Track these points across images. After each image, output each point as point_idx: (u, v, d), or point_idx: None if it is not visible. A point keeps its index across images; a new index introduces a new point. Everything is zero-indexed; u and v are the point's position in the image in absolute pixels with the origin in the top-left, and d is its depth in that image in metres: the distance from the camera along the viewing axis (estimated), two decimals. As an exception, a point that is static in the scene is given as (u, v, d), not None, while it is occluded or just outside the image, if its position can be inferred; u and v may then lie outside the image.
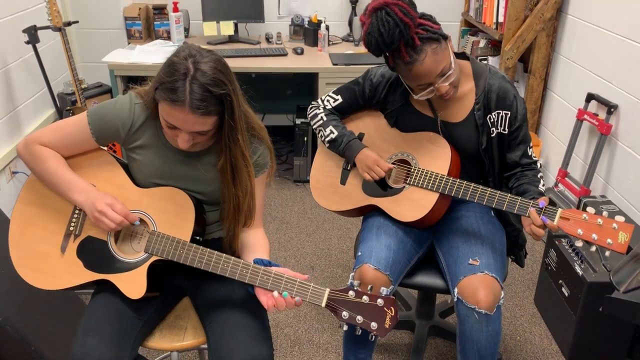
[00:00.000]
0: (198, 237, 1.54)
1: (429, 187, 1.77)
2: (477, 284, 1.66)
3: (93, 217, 1.47)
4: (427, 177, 1.78)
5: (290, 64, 3.44)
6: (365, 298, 1.38)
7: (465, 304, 1.66)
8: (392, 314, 1.38)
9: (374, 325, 1.36)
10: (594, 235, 1.51)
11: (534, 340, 2.38)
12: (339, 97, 1.98)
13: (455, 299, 1.70)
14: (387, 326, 1.37)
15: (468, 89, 1.80)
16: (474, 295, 1.65)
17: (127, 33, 3.72)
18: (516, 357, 2.29)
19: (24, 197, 1.59)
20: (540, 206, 1.59)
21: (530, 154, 1.81)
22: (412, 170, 1.83)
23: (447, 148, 1.80)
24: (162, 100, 1.36)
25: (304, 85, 4.00)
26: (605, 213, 1.53)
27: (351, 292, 1.38)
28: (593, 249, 1.53)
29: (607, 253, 1.50)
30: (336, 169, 2.00)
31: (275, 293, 1.41)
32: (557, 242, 2.35)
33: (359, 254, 1.80)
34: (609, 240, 1.49)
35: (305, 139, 3.56)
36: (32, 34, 2.82)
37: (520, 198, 1.64)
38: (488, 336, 1.66)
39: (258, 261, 1.46)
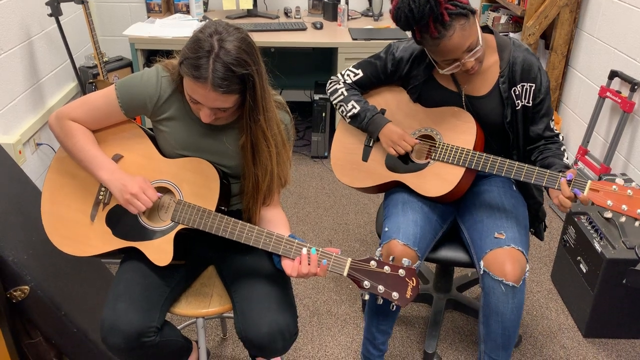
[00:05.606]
0: (223, 207, 1.56)
1: (455, 162, 1.77)
2: (504, 257, 1.67)
3: (123, 200, 1.49)
4: (453, 152, 1.78)
5: (309, 38, 3.43)
6: (386, 268, 1.40)
7: (492, 277, 1.68)
8: (414, 285, 1.40)
9: (395, 295, 1.38)
10: (624, 206, 1.52)
11: (550, 316, 2.40)
12: (359, 71, 1.96)
13: (482, 272, 1.72)
14: (408, 296, 1.39)
15: (492, 62, 1.79)
16: (501, 268, 1.66)
17: (146, 7, 3.73)
18: (532, 331, 2.31)
19: (55, 167, 1.62)
20: (569, 178, 1.59)
21: (552, 126, 1.81)
22: (436, 145, 1.83)
23: (472, 122, 1.79)
24: (186, 75, 1.37)
25: (322, 61, 3.99)
26: (634, 184, 1.52)
27: (373, 262, 1.41)
28: (623, 219, 1.54)
29: (637, 224, 1.51)
30: (357, 145, 2.00)
31: (304, 250, 1.43)
32: (576, 219, 2.35)
33: (386, 229, 1.80)
34: (639, 211, 1.50)
35: (324, 114, 3.56)
36: (55, 7, 2.84)
37: (548, 171, 1.64)
38: (513, 308, 1.68)
39: (292, 236, 1.48)
